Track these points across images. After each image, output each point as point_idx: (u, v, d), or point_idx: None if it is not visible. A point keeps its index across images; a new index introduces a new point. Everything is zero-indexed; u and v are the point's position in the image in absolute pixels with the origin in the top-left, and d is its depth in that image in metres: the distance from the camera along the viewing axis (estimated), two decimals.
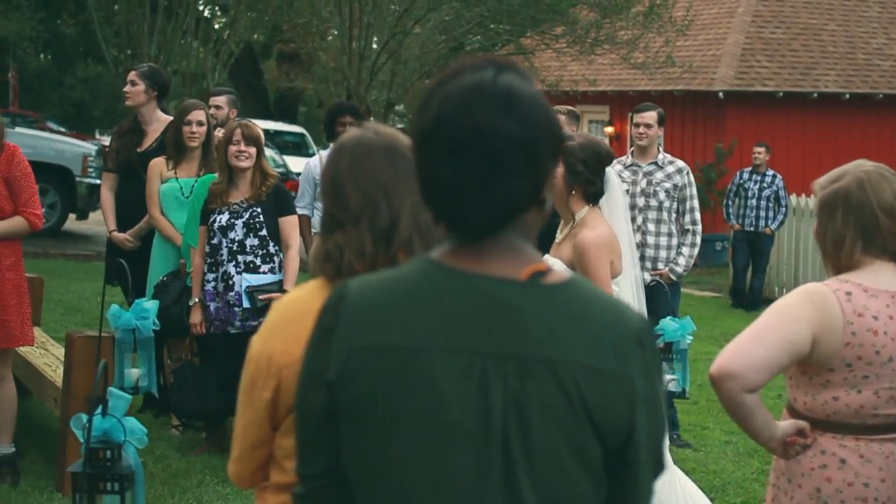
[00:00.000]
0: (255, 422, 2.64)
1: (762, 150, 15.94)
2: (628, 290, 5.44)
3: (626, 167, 8.65)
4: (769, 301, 4.26)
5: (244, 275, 6.84)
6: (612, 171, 5.42)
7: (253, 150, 6.87)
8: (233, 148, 6.95)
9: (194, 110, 7.75)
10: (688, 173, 8.64)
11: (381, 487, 1.99)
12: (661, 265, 8.46)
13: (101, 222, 20.83)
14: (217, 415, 7.47)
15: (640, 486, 2.06)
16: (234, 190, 6.98)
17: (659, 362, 2.11)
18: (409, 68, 17.95)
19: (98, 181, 18.96)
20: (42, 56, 41.60)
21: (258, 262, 6.87)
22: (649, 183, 8.55)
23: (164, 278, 7.57)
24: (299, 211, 8.04)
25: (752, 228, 15.82)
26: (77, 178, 17.90)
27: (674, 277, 8.45)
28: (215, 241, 6.91)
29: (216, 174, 7.54)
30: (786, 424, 3.61)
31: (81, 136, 26.75)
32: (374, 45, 18.17)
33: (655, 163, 8.59)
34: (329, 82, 19.13)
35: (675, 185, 8.55)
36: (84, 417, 3.84)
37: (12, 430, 6.84)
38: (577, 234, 5.18)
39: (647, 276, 8.13)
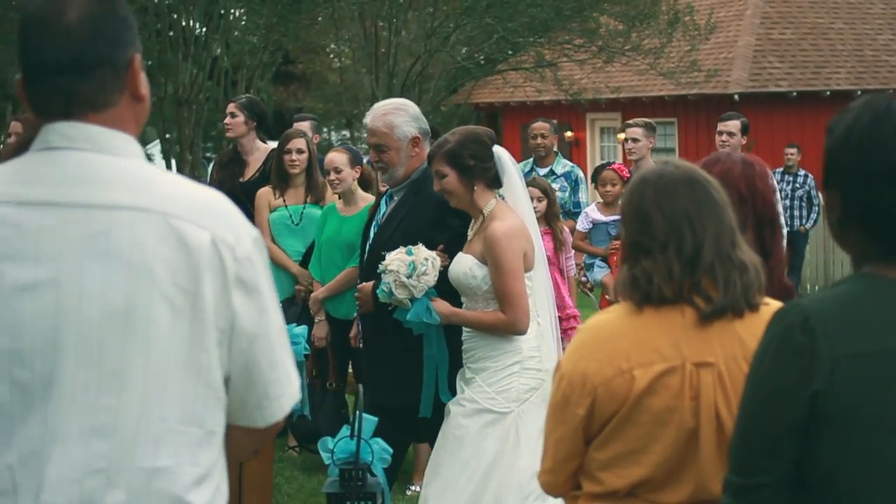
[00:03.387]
0: (568, 436, 2.88)
1: (794, 150, 16.22)
2: (542, 279, 5.37)
3: None
4: None
5: None
6: (504, 152, 5.31)
7: None
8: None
9: (294, 139, 7.95)
10: (771, 179, 8.86)
11: (873, 486, 2.20)
12: None
13: None
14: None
15: None
16: None
17: None
18: (438, 86, 18.17)
19: None
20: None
21: None
22: None
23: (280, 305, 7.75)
24: None
25: (787, 228, 16.09)
26: None
27: None
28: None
29: (319, 203, 7.79)
30: None
31: None
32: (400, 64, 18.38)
33: None
34: (360, 102, 19.34)
35: None
36: (330, 441, 4.04)
37: None
38: (486, 227, 5.10)
39: None
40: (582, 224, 8.82)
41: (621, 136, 24.39)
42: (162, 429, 2.20)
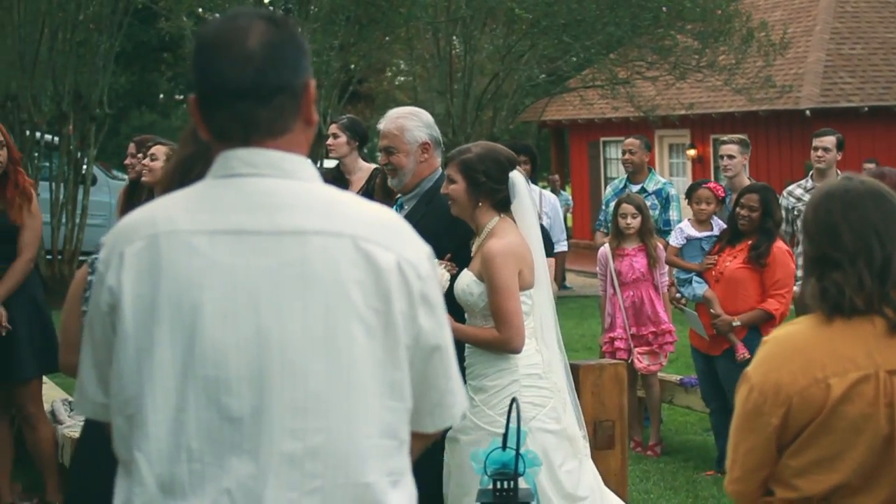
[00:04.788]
0: (760, 446, 2.95)
1: (872, 165, 16.14)
2: (545, 302, 5.28)
3: (808, 191, 8.93)
4: None
5: None
6: (519, 177, 5.25)
7: None
8: None
9: None
10: None
11: None
12: None
13: None
14: None
15: None
16: None
17: None
18: (511, 104, 18.30)
19: None
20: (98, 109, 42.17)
21: None
22: None
23: None
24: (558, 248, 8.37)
25: None
26: None
27: None
28: None
29: None
30: None
31: None
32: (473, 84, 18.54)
33: None
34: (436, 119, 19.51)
35: None
36: (482, 452, 4.14)
37: None
38: (484, 245, 5.10)
39: None
40: (676, 240, 8.87)
41: (691, 152, 24.49)
42: (367, 445, 2.27)
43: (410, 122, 5.66)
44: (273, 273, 2.26)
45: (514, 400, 3.97)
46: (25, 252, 6.74)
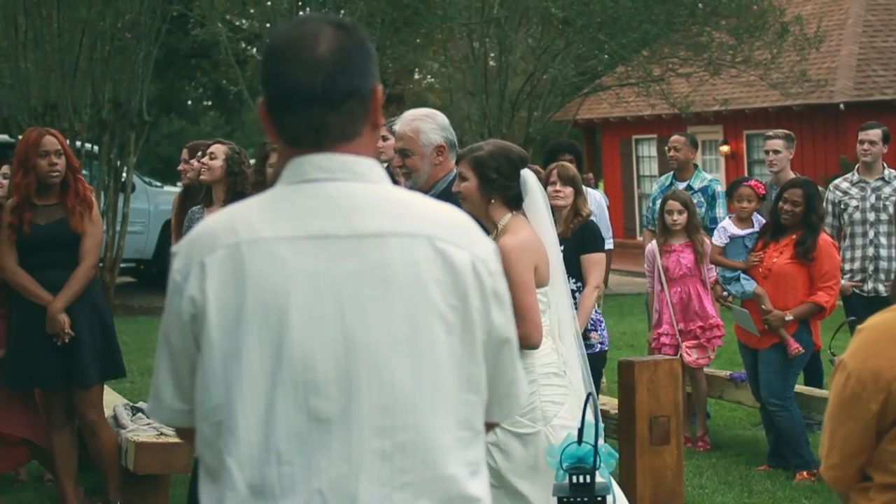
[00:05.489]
0: (858, 431, 3.02)
1: None
2: (562, 299, 5.25)
3: (854, 184, 8.98)
4: None
5: None
6: (531, 174, 5.25)
7: (569, 189, 7.17)
8: (549, 189, 7.11)
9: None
10: None
11: None
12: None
13: None
14: None
15: None
16: None
17: None
18: (547, 103, 18.34)
19: None
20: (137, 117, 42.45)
21: None
22: (878, 198, 8.88)
23: None
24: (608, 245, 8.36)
25: None
26: None
27: None
28: None
29: None
30: None
31: None
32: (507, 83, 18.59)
33: (882, 178, 8.94)
34: (469, 121, 19.56)
35: None
36: (556, 447, 4.22)
37: None
38: (497, 241, 5.00)
39: (882, 288, 8.50)
40: (719, 238, 8.90)
41: (724, 148, 24.45)
42: (450, 438, 2.34)
43: (426, 124, 5.71)
44: (355, 276, 2.30)
45: (589, 395, 4.04)
46: (87, 259, 6.83)
